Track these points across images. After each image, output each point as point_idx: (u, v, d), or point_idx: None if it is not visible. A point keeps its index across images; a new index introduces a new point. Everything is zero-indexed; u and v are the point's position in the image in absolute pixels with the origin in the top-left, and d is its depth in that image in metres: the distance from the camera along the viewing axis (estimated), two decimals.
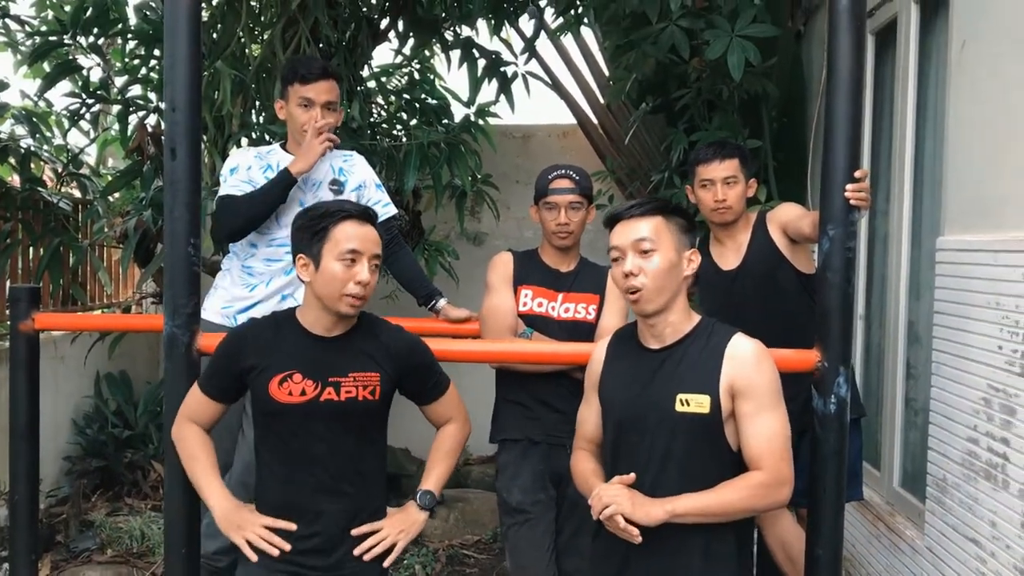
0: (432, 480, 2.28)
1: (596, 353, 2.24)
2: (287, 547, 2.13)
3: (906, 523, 3.19)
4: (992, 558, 2.51)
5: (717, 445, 2.01)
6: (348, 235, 2.12)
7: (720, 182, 2.90)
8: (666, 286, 2.03)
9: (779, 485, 2.00)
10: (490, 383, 2.94)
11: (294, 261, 2.18)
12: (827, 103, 2.30)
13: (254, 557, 2.13)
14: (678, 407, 2.00)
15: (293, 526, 2.14)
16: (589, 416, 2.25)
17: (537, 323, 2.80)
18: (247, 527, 2.14)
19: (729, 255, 2.96)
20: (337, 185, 3.04)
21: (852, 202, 2.25)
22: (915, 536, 3.06)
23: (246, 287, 2.99)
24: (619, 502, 1.93)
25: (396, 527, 2.21)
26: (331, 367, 2.15)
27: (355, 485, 2.18)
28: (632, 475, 1.99)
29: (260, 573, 2.14)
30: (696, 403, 1.99)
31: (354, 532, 2.17)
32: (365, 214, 2.18)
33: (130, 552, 3.93)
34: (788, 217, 2.86)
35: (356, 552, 2.15)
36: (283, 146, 3.07)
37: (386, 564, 2.19)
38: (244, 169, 2.99)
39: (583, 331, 2.79)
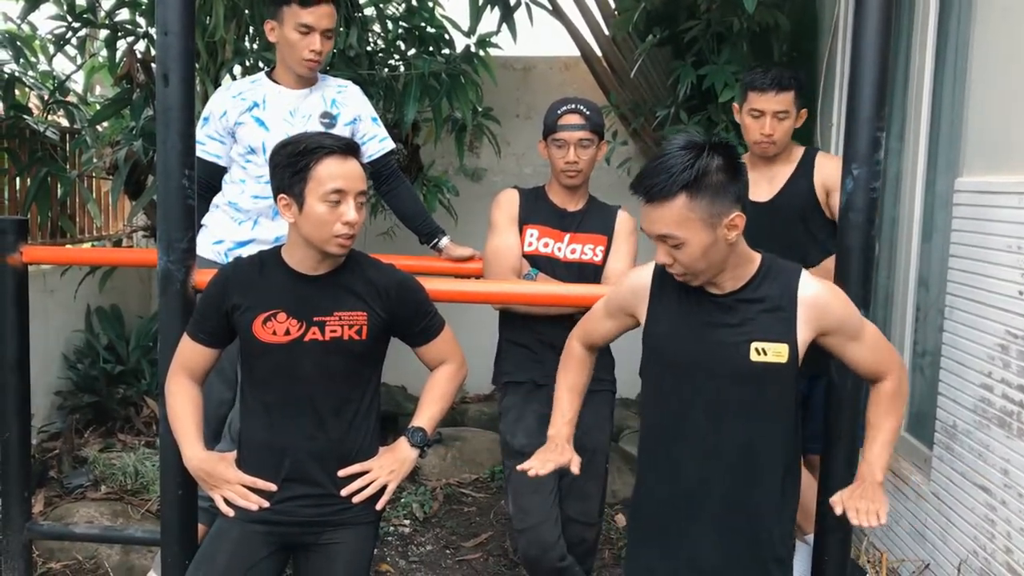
0: (424, 418, 2.21)
1: (639, 280, 2.04)
2: (265, 504, 2.08)
3: (911, 468, 3.16)
4: (1002, 506, 2.48)
5: (787, 393, 1.94)
6: (331, 174, 2.01)
7: (771, 115, 2.76)
8: (708, 266, 1.86)
9: (904, 373, 2.02)
10: (488, 322, 2.87)
11: (275, 199, 2.08)
12: (854, 36, 2.19)
13: (230, 512, 2.10)
14: (754, 356, 1.89)
15: (273, 487, 2.09)
16: (605, 326, 2.14)
17: (542, 264, 2.72)
18: (223, 485, 2.10)
19: (761, 185, 2.82)
20: (328, 118, 2.91)
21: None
22: (921, 481, 3.03)
23: (235, 221, 2.91)
24: (879, 509, 1.85)
25: (386, 467, 2.14)
26: (316, 306, 2.08)
27: (343, 429, 2.12)
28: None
29: (239, 524, 2.10)
30: (774, 352, 1.89)
31: (341, 473, 2.11)
32: (347, 148, 2.07)
33: (124, 489, 3.89)
34: (834, 184, 2.75)
35: (343, 494, 2.10)
36: (270, 74, 2.93)
37: (379, 507, 2.14)
38: (217, 118, 2.86)
39: (589, 273, 2.71)
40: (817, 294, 1.92)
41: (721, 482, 1.94)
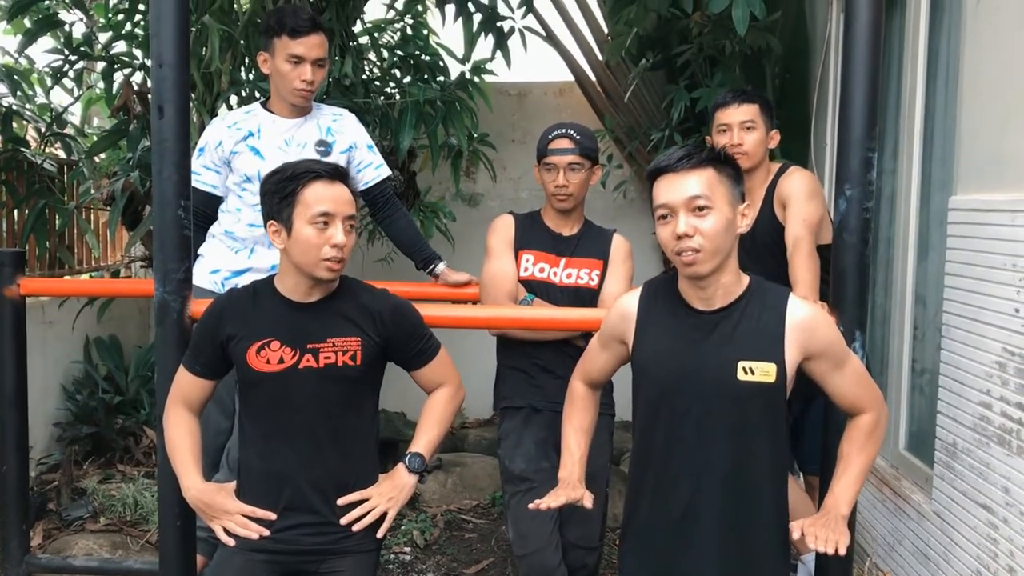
0: (422, 443, 2.19)
1: (626, 305, 2.06)
2: (266, 532, 2.08)
3: (912, 487, 3.15)
4: (1004, 524, 2.47)
5: (776, 415, 1.93)
6: (319, 197, 2.03)
7: (737, 126, 2.81)
8: (722, 247, 1.87)
9: (884, 414, 2.01)
10: (486, 347, 2.87)
11: (265, 227, 2.09)
12: (844, 57, 2.21)
13: (231, 542, 2.09)
14: (741, 376, 1.89)
15: (272, 515, 2.08)
16: (601, 359, 2.14)
17: (538, 289, 2.72)
18: (223, 516, 2.10)
19: None
20: (324, 146, 2.93)
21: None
22: (922, 501, 3.01)
23: (231, 251, 2.91)
24: (839, 540, 1.86)
25: (385, 494, 2.13)
26: (309, 333, 2.08)
27: (341, 456, 2.11)
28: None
29: (240, 554, 2.09)
30: (761, 371, 1.89)
31: (340, 501, 2.10)
32: (335, 172, 2.08)
33: (123, 520, 3.88)
34: (790, 199, 2.77)
35: (343, 522, 2.09)
36: (265, 104, 2.96)
37: (379, 534, 2.13)
38: (212, 148, 2.88)
39: (585, 297, 2.72)
40: (805, 315, 1.93)
41: (712, 502, 1.94)
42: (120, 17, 4.35)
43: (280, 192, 2.04)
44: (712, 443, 1.92)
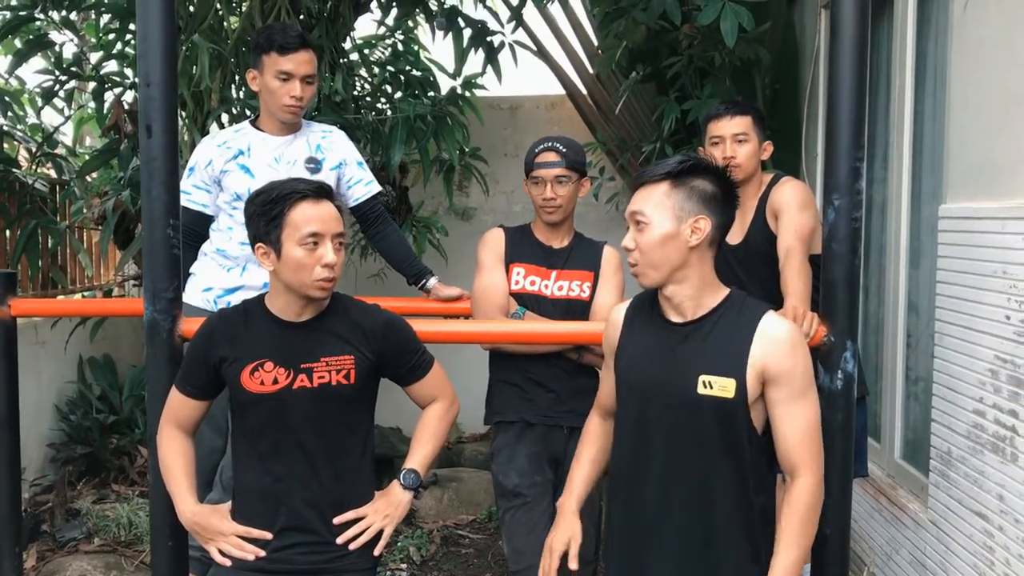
0: (416, 459, 2.18)
1: (613, 318, 2.11)
2: (261, 553, 2.06)
3: (908, 496, 3.14)
4: (1000, 532, 2.46)
5: (740, 430, 1.91)
6: (306, 217, 2.01)
7: (730, 138, 2.82)
8: (660, 261, 1.90)
9: (821, 480, 1.93)
10: (480, 360, 2.87)
11: (253, 249, 2.08)
12: (830, 66, 2.20)
13: (226, 563, 2.08)
14: (700, 389, 1.89)
15: (268, 535, 2.07)
16: (608, 382, 2.16)
17: (530, 302, 2.71)
18: (218, 537, 2.09)
19: (735, 226, 2.86)
20: (314, 163, 2.92)
21: None
22: (918, 509, 3.01)
23: (223, 268, 2.91)
24: None
25: (380, 512, 2.13)
26: (302, 353, 2.07)
27: (336, 475, 2.10)
28: None
29: (236, 573, 2.08)
30: (720, 386, 1.88)
31: (336, 520, 2.09)
32: (320, 191, 2.07)
33: (118, 540, 3.86)
34: (782, 210, 2.78)
35: (339, 541, 2.08)
36: (255, 122, 2.96)
37: (376, 552, 2.12)
38: (202, 167, 2.88)
39: (577, 309, 2.71)
40: (776, 332, 1.90)
41: (679, 511, 1.94)
42: (110, 36, 4.36)
43: (266, 214, 2.02)
44: (677, 454, 1.93)
